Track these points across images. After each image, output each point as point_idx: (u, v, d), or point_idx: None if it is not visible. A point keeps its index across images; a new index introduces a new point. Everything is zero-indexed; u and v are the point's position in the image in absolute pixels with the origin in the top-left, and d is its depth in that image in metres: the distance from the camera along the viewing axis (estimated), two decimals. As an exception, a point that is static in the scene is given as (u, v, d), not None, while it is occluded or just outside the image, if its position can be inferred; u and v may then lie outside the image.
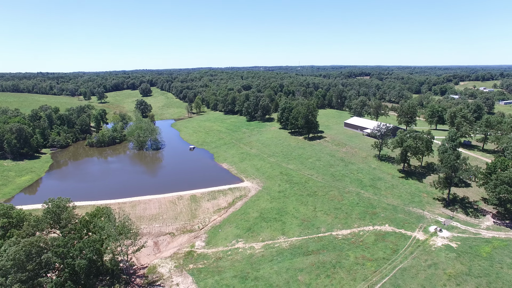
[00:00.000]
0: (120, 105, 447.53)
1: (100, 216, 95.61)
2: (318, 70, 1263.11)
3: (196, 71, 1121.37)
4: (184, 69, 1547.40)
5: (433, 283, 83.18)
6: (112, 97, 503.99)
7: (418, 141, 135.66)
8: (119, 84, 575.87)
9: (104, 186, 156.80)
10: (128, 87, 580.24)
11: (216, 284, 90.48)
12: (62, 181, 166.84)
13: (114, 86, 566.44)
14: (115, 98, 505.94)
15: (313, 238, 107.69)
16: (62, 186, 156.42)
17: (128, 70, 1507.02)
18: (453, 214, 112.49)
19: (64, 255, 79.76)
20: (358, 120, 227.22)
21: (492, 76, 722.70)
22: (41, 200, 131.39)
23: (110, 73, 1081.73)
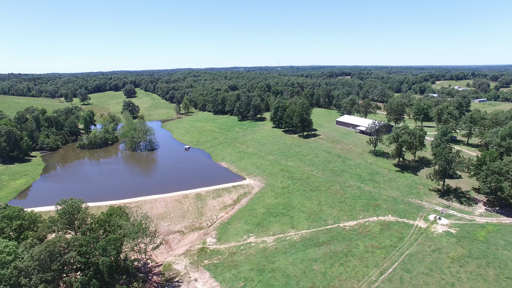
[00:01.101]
0: (104, 107, 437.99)
1: (116, 215, 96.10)
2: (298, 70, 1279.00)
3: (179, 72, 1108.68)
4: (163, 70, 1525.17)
5: (439, 266, 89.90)
6: (95, 98, 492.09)
7: (412, 137, 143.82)
8: (101, 85, 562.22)
9: (105, 187, 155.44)
10: (111, 89, 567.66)
11: (234, 277, 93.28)
12: (60, 183, 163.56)
13: (96, 88, 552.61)
14: (98, 99, 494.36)
15: (322, 230, 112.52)
16: (62, 189, 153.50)
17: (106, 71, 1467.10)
18: (449, 203, 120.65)
19: (88, 254, 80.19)
20: (350, 118, 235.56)
21: (465, 76, 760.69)
22: (45, 203, 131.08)
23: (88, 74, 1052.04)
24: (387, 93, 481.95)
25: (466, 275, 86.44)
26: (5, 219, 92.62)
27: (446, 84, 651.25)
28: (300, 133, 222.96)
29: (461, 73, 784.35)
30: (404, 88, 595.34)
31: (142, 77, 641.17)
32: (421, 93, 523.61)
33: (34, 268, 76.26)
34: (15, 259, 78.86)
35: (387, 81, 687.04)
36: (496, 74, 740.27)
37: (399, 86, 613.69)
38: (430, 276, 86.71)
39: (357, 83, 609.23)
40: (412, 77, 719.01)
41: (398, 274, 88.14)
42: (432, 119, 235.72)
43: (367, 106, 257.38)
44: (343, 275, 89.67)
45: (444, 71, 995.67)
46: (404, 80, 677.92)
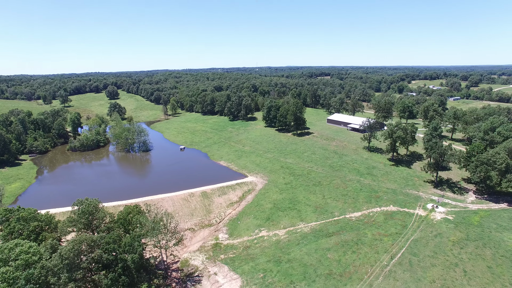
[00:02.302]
0: (87, 109, 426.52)
1: (135, 213, 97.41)
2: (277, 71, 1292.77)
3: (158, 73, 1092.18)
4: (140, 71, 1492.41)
5: (442, 249, 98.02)
6: (76, 100, 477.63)
7: (405, 132, 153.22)
8: (81, 87, 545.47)
9: (109, 188, 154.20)
10: (91, 90, 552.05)
11: (253, 269, 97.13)
12: (59, 186, 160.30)
13: (76, 90, 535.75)
14: (79, 101, 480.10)
15: (330, 221, 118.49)
16: (62, 191, 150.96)
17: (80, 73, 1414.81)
18: (443, 193, 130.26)
19: (115, 251, 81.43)
20: (341, 116, 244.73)
21: (438, 75, 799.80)
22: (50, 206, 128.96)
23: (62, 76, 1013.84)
24: (368, 92, 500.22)
25: (467, 256, 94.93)
26: (21, 220, 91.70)
27: (421, 83, 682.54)
28: (294, 131, 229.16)
29: (434, 73, 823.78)
30: (383, 87, 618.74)
31: (123, 79, 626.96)
32: (400, 92, 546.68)
33: (63, 267, 76.81)
34: (40, 259, 78.84)
35: (366, 81, 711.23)
36: (465, 74, 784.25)
37: (378, 85, 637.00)
38: (435, 258, 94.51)
39: (338, 83, 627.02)
40: (389, 77, 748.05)
41: (407, 258, 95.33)
42: (416, 117, 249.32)
43: (355, 104, 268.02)
44: (357, 261, 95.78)
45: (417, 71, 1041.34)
46: (382, 80, 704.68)
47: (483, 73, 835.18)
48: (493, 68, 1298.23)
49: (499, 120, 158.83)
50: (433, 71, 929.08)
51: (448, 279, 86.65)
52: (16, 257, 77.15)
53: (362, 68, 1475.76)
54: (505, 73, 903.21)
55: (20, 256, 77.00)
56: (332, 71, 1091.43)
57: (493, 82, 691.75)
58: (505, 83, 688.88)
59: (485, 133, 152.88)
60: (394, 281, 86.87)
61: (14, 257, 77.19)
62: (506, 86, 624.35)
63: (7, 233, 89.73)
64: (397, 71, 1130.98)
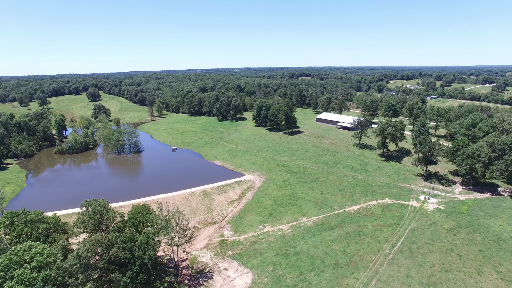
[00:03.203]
0: (68, 111, 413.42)
1: (145, 212, 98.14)
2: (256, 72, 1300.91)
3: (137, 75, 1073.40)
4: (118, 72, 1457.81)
5: (438, 236, 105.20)
6: (55, 102, 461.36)
7: (395, 129, 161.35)
8: (59, 88, 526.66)
9: (106, 190, 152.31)
10: (70, 92, 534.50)
11: (262, 263, 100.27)
12: (54, 189, 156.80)
13: (54, 91, 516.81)
14: (58, 103, 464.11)
15: (331, 215, 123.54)
16: (59, 194, 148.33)
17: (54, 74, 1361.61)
18: (433, 185, 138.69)
19: (131, 249, 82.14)
20: (330, 115, 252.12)
21: (414, 76, 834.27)
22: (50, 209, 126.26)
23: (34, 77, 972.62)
24: (350, 92, 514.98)
25: (460, 241, 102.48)
26: (28, 223, 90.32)
27: (399, 83, 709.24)
28: (285, 130, 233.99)
29: (410, 73, 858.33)
30: (363, 87, 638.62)
31: (104, 80, 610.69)
32: (380, 91, 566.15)
33: (80, 267, 76.91)
34: (55, 261, 78.48)
35: (346, 81, 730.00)
36: (438, 74, 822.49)
37: (358, 85, 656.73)
38: (432, 245, 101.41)
39: (320, 83, 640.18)
40: (368, 77, 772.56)
41: (407, 245, 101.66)
42: (399, 115, 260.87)
43: (341, 104, 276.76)
44: (361, 251, 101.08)
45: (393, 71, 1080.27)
46: (361, 80, 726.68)
47: (454, 73, 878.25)
48: (463, 69, 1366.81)
49: (479, 117, 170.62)
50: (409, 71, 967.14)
51: (446, 263, 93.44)
52: (30, 259, 76.48)
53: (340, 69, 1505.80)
54: (473, 74, 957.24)
55: (35, 257, 76.43)
56: (311, 71, 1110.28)
57: (464, 82, 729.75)
58: (475, 82, 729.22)
59: (467, 129, 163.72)
60: (398, 267, 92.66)
61: (29, 259, 76.49)
62: (475, 86, 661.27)
63: (15, 236, 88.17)
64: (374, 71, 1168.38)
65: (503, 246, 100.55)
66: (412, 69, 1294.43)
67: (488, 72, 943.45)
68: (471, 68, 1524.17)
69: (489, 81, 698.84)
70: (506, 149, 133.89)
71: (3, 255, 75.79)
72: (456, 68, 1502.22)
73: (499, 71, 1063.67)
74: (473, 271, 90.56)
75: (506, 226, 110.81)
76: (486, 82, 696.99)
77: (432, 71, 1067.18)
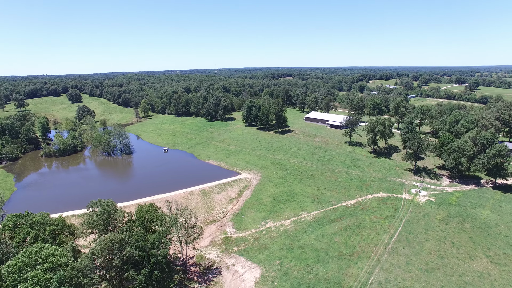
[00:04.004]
0: (48, 113, 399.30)
1: (152, 211, 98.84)
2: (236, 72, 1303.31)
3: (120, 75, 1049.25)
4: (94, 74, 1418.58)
5: (431, 226, 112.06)
6: (33, 104, 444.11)
7: (385, 127, 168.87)
8: (36, 90, 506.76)
9: (102, 191, 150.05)
10: (49, 94, 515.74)
11: (268, 257, 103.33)
12: (49, 191, 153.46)
13: (31, 93, 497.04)
14: (36, 105, 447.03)
15: (329, 210, 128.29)
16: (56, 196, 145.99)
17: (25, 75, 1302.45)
18: (423, 179, 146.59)
19: (145, 248, 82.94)
20: (318, 114, 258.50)
21: (392, 76, 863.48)
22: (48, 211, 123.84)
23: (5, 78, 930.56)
24: (333, 92, 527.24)
25: (452, 230, 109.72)
26: (34, 225, 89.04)
27: (378, 83, 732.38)
28: (275, 129, 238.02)
29: (388, 73, 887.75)
30: (345, 87, 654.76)
31: (84, 82, 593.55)
32: (361, 91, 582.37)
33: (94, 267, 77.09)
34: (68, 261, 78.20)
35: (327, 81, 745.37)
36: (415, 74, 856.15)
37: (340, 85, 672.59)
38: (427, 234, 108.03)
39: (302, 83, 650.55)
40: (349, 77, 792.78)
41: (404, 235, 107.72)
42: (383, 113, 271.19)
43: (328, 103, 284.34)
44: (362, 242, 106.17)
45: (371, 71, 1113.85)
46: (342, 80, 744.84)
47: (430, 73, 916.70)
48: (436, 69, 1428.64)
49: (461, 114, 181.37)
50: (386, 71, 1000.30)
51: (441, 250, 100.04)
52: (43, 261, 75.87)
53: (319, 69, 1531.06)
54: (446, 74, 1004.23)
55: (48, 259, 75.90)
56: (292, 71, 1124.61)
57: (439, 81, 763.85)
58: (449, 82, 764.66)
59: (450, 126, 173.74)
60: (398, 256, 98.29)
61: (41, 260, 75.85)
62: (450, 85, 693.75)
63: (21, 239, 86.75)
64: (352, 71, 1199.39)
65: (490, 233, 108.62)
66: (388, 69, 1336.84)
67: (459, 73, 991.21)
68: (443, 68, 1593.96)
69: (462, 81, 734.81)
70: (487, 144, 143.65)
71: (14, 258, 74.82)
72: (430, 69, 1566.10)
73: (469, 71, 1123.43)
74: (466, 256, 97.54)
75: (491, 214, 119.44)
76: (459, 82, 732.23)
77: (408, 71, 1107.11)
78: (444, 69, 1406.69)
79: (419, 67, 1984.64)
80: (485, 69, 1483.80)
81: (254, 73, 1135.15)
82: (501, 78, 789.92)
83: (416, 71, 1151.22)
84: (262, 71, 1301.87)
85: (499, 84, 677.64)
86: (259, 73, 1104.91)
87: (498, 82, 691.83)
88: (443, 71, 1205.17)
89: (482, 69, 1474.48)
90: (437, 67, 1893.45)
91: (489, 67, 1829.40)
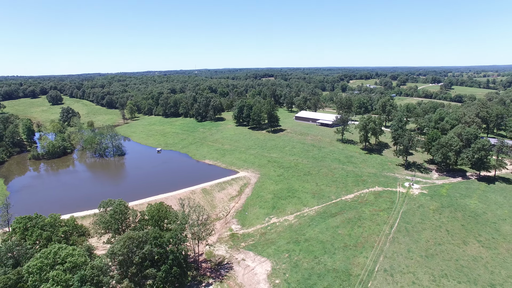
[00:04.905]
0: (28, 115, 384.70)
1: (165, 210, 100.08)
2: (216, 73, 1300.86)
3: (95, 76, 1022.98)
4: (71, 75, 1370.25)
5: (427, 216, 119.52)
6: (10, 106, 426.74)
7: (376, 124, 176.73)
8: (12, 91, 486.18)
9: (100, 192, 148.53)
10: (26, 95, 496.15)
11: (277, 251, 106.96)
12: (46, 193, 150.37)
13: (6, 94, 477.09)
14: (14, 108, 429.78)
15: (330, 204, 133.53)
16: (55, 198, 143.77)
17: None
18: (414, 173, 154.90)
19: (163, 245, 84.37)
20: (308, 113, 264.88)
21: (371, 75, 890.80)
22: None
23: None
24: (317, 91, 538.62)
25: (445, 219, 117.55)
26: (46, 226, 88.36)
27: (359, 82, 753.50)
28: (267, 129, 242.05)
29: (368, 73, 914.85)
30: (327, 87, 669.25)
31: (64, 83, 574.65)
32: (343, 90, 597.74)
33: (115, 265, 77.92)
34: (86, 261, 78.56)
35: (309, 81, 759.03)
36: (393, 74, 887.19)
37: (322, 85, 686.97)
38: (424, 223, 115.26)
39: (285, 84, 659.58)
40: (330, 77, 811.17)
41: (403, 226, 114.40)
42: (370, 112, 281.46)
43: (316, 102, 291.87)
44: (364, 233, 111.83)
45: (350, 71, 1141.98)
46: (323, 80, 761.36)
47: (407, 73, 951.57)
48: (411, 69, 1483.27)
49: (445, 112, 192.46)
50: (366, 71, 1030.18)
51: (437, 238, 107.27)
52: (62, 261, 75.90)
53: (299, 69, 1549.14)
54: (421, 74, 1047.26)
55: (67, 258, 76.00)
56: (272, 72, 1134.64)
57: (416, 81, 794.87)
58: (425, 82, 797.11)
59: (436, 123, 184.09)
60: (399, 244, 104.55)
61: (60, 260, 75.86)
62: (426, 85, 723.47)
63: (33, 241, 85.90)
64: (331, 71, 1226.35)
65: (479, 220, 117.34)
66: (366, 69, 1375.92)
67: (434, 73, 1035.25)
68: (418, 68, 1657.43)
69: (437, 81, 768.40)
70: (471, 139, 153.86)
71: (33, 258, 74.47)
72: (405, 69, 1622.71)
73: (442, 71, 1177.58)
74: (460, 242, 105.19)
75: (478, 203, 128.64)
76: (434, 82, 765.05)
77: (385, 71, 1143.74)
78: (419, 69, 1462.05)
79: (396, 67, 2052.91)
80: (456, 69, 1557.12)
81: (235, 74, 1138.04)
82: (471, 78, 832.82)
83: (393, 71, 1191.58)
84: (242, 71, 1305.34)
85: (470, 83, 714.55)
86: (240, 74, 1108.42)
87: (469, 82, 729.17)
88: (418, 71, 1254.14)
89: (454, 69, 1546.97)
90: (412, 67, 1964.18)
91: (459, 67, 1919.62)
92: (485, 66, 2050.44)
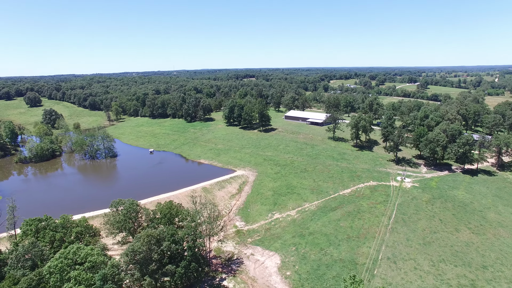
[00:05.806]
0: (4, 118, 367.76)
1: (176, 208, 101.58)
2: (195, 74, 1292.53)
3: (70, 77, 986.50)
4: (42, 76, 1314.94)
5: (420, 207, 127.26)
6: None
7: (366, 122, 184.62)
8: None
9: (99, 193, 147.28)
10: (0, 97, 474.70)
11: (284, 245, 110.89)
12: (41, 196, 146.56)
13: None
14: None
15: (329, 199, 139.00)
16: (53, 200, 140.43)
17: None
18: (404, 168, 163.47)
19: (180, 241, 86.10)
20: (297, 112, 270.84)
21: (350, 75, 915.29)
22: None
23: None
24: (300, 91, 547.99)
25: (438, 209, 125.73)
26: (59, 228, 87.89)
27: (339, 82, 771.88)
28: (259, 128, 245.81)
29: (347, 73, 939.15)
30: (310, 87, 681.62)
31: (41, 84, 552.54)
32: (325, 90, 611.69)
33: (135, 263, 79.04)
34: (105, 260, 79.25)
35: (291, 81, 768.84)
36: (372, 74, 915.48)
37: (304, 85, 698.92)
38: (419, 214, 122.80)
39: (267, 84, 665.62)
40: (311, 77, 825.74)
41: (399, 217, 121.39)
42: (356, 110, 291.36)
43: (304, 102, 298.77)
44: (365, 225, 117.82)
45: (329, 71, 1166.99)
46: (305, 80, 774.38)
47: (384, 73, 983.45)
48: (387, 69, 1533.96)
49: (430, 109, 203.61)
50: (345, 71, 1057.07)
51: (432, 227, 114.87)
52: (82, 260, 76.28)
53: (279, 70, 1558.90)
54: (397, 74, 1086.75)
55: (87, 258, 76.46)
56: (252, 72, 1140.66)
57: (394, 81, 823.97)
58: (402, 81, 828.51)
59: (421, 120, 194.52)
60: (398, 234, 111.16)
61: (80, 260, 76.22)
62: (404, 84, 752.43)
63: (47, 242, 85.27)
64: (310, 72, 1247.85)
65: (468, 209, 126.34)
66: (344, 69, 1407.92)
67: (409, 73, 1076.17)
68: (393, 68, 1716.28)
69: (414, 80, 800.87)
70: (456, 134, 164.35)
71: (53, 259, 74.43)
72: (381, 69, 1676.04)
73: (416, 72, 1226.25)
74: (453, 230, 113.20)
75: (465, 194, 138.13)
76: (411, 81, 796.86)
77: (363, 71, 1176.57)
78: (394, 69, 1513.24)
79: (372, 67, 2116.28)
80: (429, 69, 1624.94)
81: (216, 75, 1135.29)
82: (444, 78, 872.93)
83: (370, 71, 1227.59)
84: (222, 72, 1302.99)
85: (444, 83, 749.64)
86: (221, 75, 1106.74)
87: (443, 82, 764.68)
88: (394, 71, 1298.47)
89: (427, 69, 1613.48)
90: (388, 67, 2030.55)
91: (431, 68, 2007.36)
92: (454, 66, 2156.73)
